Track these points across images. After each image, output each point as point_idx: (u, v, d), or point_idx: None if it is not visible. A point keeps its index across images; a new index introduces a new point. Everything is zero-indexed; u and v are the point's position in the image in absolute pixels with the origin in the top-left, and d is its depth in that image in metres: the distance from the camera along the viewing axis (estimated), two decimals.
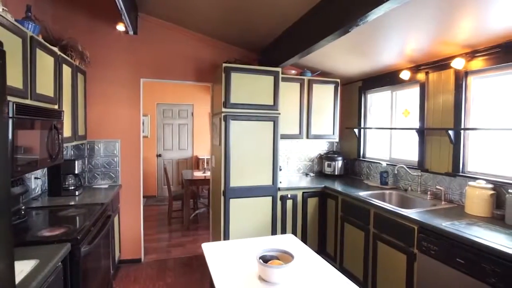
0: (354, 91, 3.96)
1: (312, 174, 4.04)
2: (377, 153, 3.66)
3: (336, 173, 3.84)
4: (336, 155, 3.89)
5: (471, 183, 2.27)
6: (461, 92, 2.53)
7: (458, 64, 2.46)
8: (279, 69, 3.15)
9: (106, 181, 3.33)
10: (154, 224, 4.96)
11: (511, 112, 2.25)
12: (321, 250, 3.38)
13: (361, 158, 3.83)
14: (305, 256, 1.64)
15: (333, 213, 3.19)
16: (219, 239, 3.06)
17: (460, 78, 2.53)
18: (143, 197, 6.30)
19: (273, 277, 1.34)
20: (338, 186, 3.26)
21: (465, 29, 2.16)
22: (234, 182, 3.01)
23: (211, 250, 1.69)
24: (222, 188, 2.99)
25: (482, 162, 2.44)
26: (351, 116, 4.02)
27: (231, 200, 3.01)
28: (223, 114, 2.97)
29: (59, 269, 1.47)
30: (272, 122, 3.13)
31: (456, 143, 2.55)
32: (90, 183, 3.29)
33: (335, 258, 3.14)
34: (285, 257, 1.48)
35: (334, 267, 3.08)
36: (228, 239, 2.98)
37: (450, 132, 2.53)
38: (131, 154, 3.40)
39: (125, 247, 3.41)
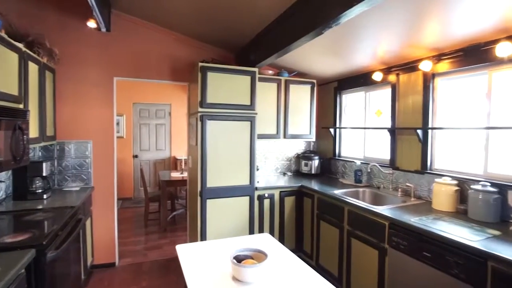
0: (329, 91, 4.04)
1: (289, 174, 4.09)
2: (352, 152, 3.76)
3: (313, 172, 3.91)
4: (313, 155, 3.96)
5: (437, 180, 2.38)
6: (429, 93, 2.65)
7: (425, 66, 2.57)
8: (256, 69, 3.16)
9: (78, 184, 3.20)
10: (130, 226, 4.84)
11: (473, 112, 2.38)
12: (298, 248, 3.43)
13: (336, 157, 3.92)
14: (280, 255, 1.66)
15: (309, 211, 3.25)
16: (196, 240, 3.03)
17: (428, 79, 2.65)
18: (119, 199, 6.14)
19: (247, 276, 1.34)
20: (314, 185, 3.32)
21: (432, 33, 2.27)
22: (211, 183, 2.99)
23: (186, 252, 1.67)
24: (199, 189, 2.96)
25: (448, 160, 2.57)
26: (327, 116, 4.11)
27: (208, 201, 2.99)
28: (199, 114, 2.94)
29: (22, 277, 1.40)
30: (249, 122, 3.13)
31: (424, 142, 2.67)
32: (60, 186, 3.15)
33: (312, 256, 3.20)
34: (259, 256, 1.49)
35: (311, 264, 3.17)
36: (205, 239, 2.96)
37: (419, 132, 2.64)
38: (104, 155, 3.30)
39: (98, 251, 3.30)
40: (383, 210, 2.31)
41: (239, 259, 1.44)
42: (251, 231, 3.16)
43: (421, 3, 1.89)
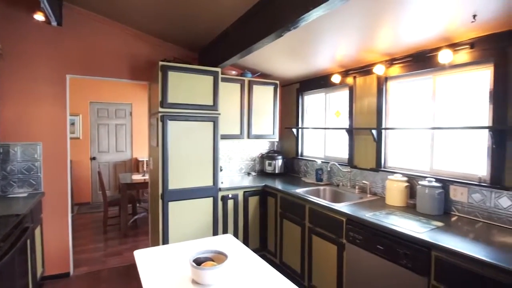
0: (292, 92, 4.14)
1: (254, 173, 4.12)
2: (314, 152, 3.88)
3: (276, 172, 3.98)
4: (276, 154, 4.02)
5: (390, 177, 2.54)
6: (382, 95, 2.81)
7: (379, 70, 2.73)
8: (218, 69, 3.14)
9: (25, 189, 2.96)
10: (88, 233, 4.57)
11: (421, 113, 2.57)
12: (262, 247, 3.46)
13: (299, 157, 4.03)
14: (241, 255, 1.66)
15: (273, 210, 3.30)
16: (158, 244, 2.94)
17: (381, 82, 2.81)
18: (75, 204, 5.83)
19: (206, 279, 1.33)
20: (278, 184, 3.38)
21: (384, 39, 2.41)
22: (173, 184, 2.92)
23: (145, 257, 1.61)
24: (160, 191, 2.88)
25: (399, 158, 2.75)
26: (290, 117, 4.20)
27: (170, 203, 2.92)
28: (160, 114, 2.86)
29: None
30: (212, 123, 3.11)
31: (378, 142, 2.83)
32: (5, 192, 2.89)
33: (276, 254, 3.25)
34: (220, 257, 1.48)
35: (275, 262, 3.22)
36: (168, 243, 2.88)
37: (373, 132, 2.80)
38: (56, 158, 3.08)
39: (50, 261, 3.08)
40: (341, 207, 2.42)
41: (199, 262, 1.43)
42: (215, 233, 3.14)
43: (374, 11, 2.01)
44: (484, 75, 2.11)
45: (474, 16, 1.83)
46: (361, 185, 2.96)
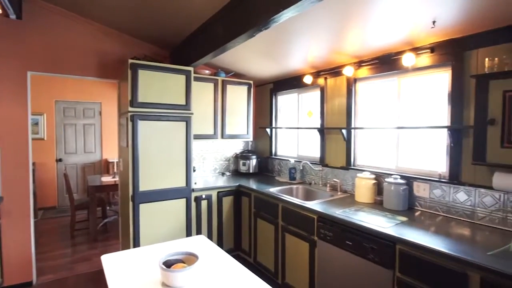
0: (266, 92, 4.17)
1: (228, 173, 4.11)
2: (287, 151, 3.94)
3: (251, 171, 3.99)
4: (250, 154, 4.04)
5: (359, 174, 2.63)
6: (352, 96, 2.91)
7: (348, 71, 2.82)
8: (191, 68, 3.10)
9: None
10: (53, 239, 4.34)
11: (387, 114, 2.68)
12: (237, 247, 3.47)
13: (273, 156, 4.07)
14: (213, 256, 1.65)
15: (247, 210, 3.31)
16: (129, 248, 2.85)
17: (351, 84, 2.91)
18: (40, 209, 5.52)
19: (176, 281, 1.31)
20: (252, 184, 3.39)
21: (353, 42, 2.49)
22: (144, 186, 2.84)
23: (113, 262, 1.56)
24: (131, 193, 2.79)
25: (368, 156, 2.86)
26: (264, 116, 4.23)
27: (142, 205, 2.84)
28: (129, 114, 2.77)
29: None
30: (184, 123, 3.06)
31: (348, 141, 2.93)
32: None
33: (250, 253, 3.26)
34: (191, 259, 1.47)
35: (249, 262, 3.24)
36: (139, 246, 2.80)
37: (343, 131, 2.89)
38: (16, 160, 2.89)
39: (11, 270, 2.89)
40: (313, 205, 2.47)
41: (169, 264, 1.40)
42: (189, 234, 3.10)
43: (343, 15, 2.07)
44: (444, 78, 2.24)
45: (434, 22, 1.94)
46: (332, 183, 3.04)
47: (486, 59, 1.86)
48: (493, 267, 1.35)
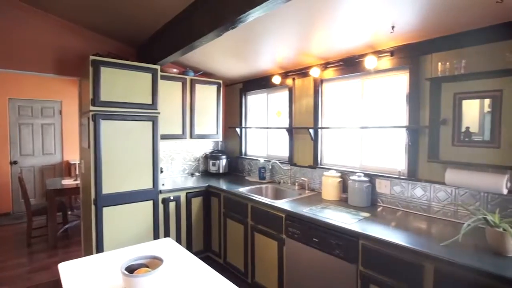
0: (235, 92, 4.16)
1: (197, 174, 4.05)
2: (257, 151, 3.96)
3: (221, 171, 3.96)
4: (220, 154, 4.01)
5: (325, 173, 2.71)
6: (318, 96, 2.99)
7: (315, 72, 2.88)
8: (157, 67, 3.02)
9: None
10: (8, 247, 4.03)
11: (352, 114, 2.78)
12: (207, 248, 3.43)
13: (243, 156, 4.07)
14: (180, 259, 1.62)
15: (216, 210, 3.28)
16: (92, 254, 2.72)
17: (317, 84, 2.98)
18: None
19: (139, 286, 1.27)
20: (221, 184, 3.37)
21: (319, 44, 2.56)
22: (108, 189, 2.72)
23: (71, 270, 1.48)
24: (93, 196, 2.66)
25: (334, 155, 2.95)
26: (233, 116, 4.22)
27: (105, 209, 2.72)
28: (91, 113, 2.64)
29: None
30: (151, 122, 2.97)
31: (315, 140, 3.00)
32: None
33: (220, 254, 3.24)
34: (155, 262, 1.43)
35: (219, 262, 3.21)
36: (102, 251, 2.68)
37: (311, 131, 2.96)
38: None
39: None
40: (281, 203, 2.51)
41: (132, 269, 1.35)
42: (156, 237, 3.01)
43: (309, 17, 2.12)
44: (403, 80, 2.37)
45: (393, 27, 2.05)
46: (300, 181, 3.10)
47: (439, 63, 1.99)
48: (444, 257, 1.45)
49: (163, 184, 3.30)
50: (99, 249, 2.69)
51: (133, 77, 2.87)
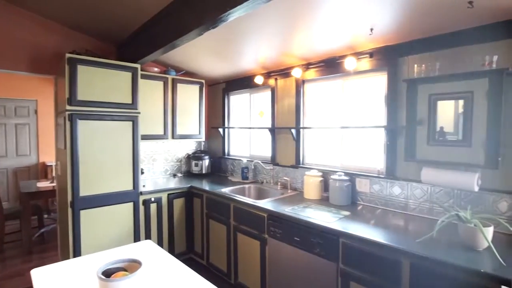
0: (218, 92, 4.14)
1: (180, 175, 3.99)
2: (240, 151, 3.95)
3: (203, 172, 3.93)
4: (203, 154, 3.97)
5: (307, 172, 2.74)
6: (300, 96, 3.01)
7: (296, 73, 2.91)
8: (137, 65, 2.96)
9: None
10: None
11: (333, 114, 2.83)
12: (189, 249, 3.39)
13: (226, 156, 4.05)
14: (160, 261, 1.59)
15: (199, 211, 3.25)
16: (69, 258, 2.63)
17: (299, 85, 3.01)
18: None
19: None
20: (204, 185, 3.34)
21: (300, 45, 2.58)
22: (86, 191, 2.64)
23: (45, 276, 1.42)
24: (70, 199, 2.57)
25: (315, 154, 2.99)
26: (216, 116, 4.19)
27: (83, 212, 2.63)
28: (67, 113, 2.56)
29: None
30: (131, 122, 2.91)
31: (297, 140, 3.03)
32: None
33: (203, 255, 3.21)
34: (133, 266, 1.39)
35: (202, 264, 3.19)
36: (80, 256, 2.59)
37: (293, 131, 2.99)
38: None
39: None
40: (263, 203, 2.51)
41: (109, 273, 1.32)
42: (137, 240, 2.95)
43: (291, 18, 2.14)
44: (382, 81, 2.43)
45: (372, 29, 2.09)
46: (283, 181, 3.12)
47: (415, 65, 2.05)
48: (419, 253, 1.49)
49: (144, 186, 3.24)
50: (77, 253, 2.60)
51: (112, 75, 2.79)
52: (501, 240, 1.65)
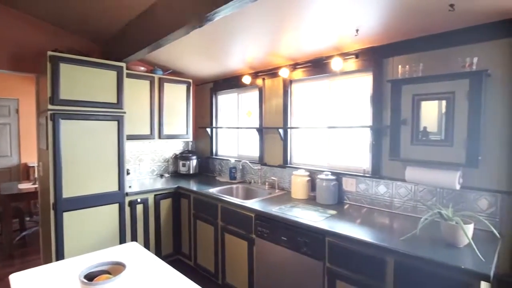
0: (206, 92, 4.11)
1: (167, 175, 3.95)
2: (228, 151, 3.93)
3: (191, 172, 3.89)
4: (190, 155, 3.94)
5: (294, 172, 2.75)
6: (288, 96, 3.03)
7: (284, 73, 2.92)
8: (123, 64, 2.91)
9: None
10: None
11: (320, 114, 2.85)
12: (177, 251, 3.35)
13: (214, 156, 4.03)
14: (145, 263, 1.56)
15: (186, 212, 3.22)
16: (52, 262, 2.56)
17: (286, 85, 3.02)
18: None
19: None
20: (192, 185, 3.31)
21: (288, 45, 2.59)
22: (69, 192, 2.58)
23: (25, 281, 1.37)
24: (52, 201, 2.51)
25: (303, 154, 3.01)
26: (204, 116, 4.16)
27: (66, 214, 2.57)
28: (49, 112, 2.49)
29: None
30: (116, 122, 2.85)
31: (285, 140, 3.04)
32: None
33: (190, 256, 3.18)
34: (117, 268, 1.36)
35: (189, 265, 3.16)
36: (63, 259, 2.53)
37: (280, 131, 2.99)
38: None
39: None
40: (251, 203, 2.51)
41: (92, 277, 1.29)
42: (123, 241, 2.90)
43: (278, 18, 2.15)
44: (367, 81, 2.46)
45: (357, 30, 2.12)
46: (270, 181, 3.13)
47: (399, 66, 2.09)
48: (402, 251, 1.52)
49: (130, 186, 3.18)
50: (59, 257, 2.54)
51: (96, 74, 2.74)
52: (481, 237, 1.69)
